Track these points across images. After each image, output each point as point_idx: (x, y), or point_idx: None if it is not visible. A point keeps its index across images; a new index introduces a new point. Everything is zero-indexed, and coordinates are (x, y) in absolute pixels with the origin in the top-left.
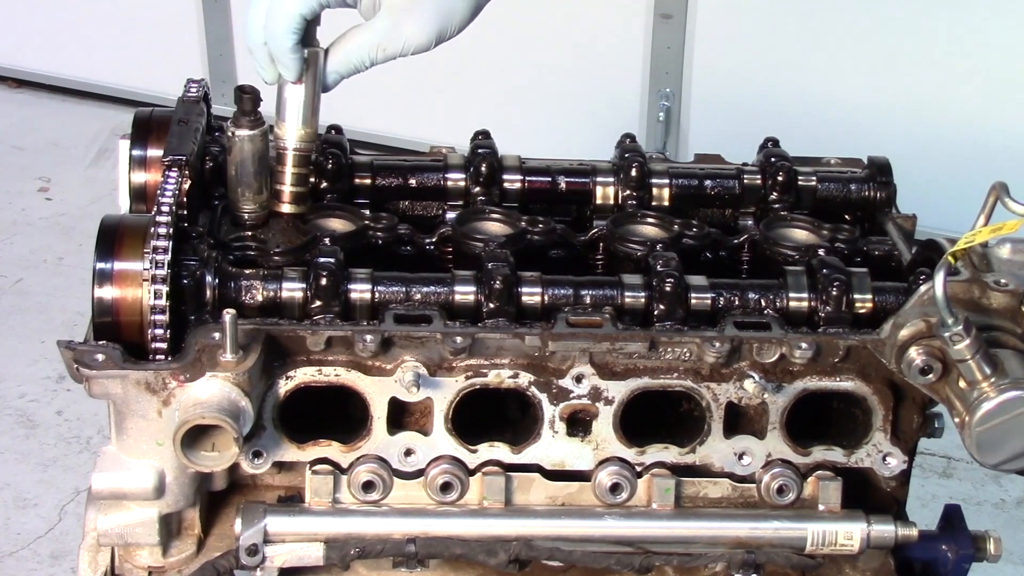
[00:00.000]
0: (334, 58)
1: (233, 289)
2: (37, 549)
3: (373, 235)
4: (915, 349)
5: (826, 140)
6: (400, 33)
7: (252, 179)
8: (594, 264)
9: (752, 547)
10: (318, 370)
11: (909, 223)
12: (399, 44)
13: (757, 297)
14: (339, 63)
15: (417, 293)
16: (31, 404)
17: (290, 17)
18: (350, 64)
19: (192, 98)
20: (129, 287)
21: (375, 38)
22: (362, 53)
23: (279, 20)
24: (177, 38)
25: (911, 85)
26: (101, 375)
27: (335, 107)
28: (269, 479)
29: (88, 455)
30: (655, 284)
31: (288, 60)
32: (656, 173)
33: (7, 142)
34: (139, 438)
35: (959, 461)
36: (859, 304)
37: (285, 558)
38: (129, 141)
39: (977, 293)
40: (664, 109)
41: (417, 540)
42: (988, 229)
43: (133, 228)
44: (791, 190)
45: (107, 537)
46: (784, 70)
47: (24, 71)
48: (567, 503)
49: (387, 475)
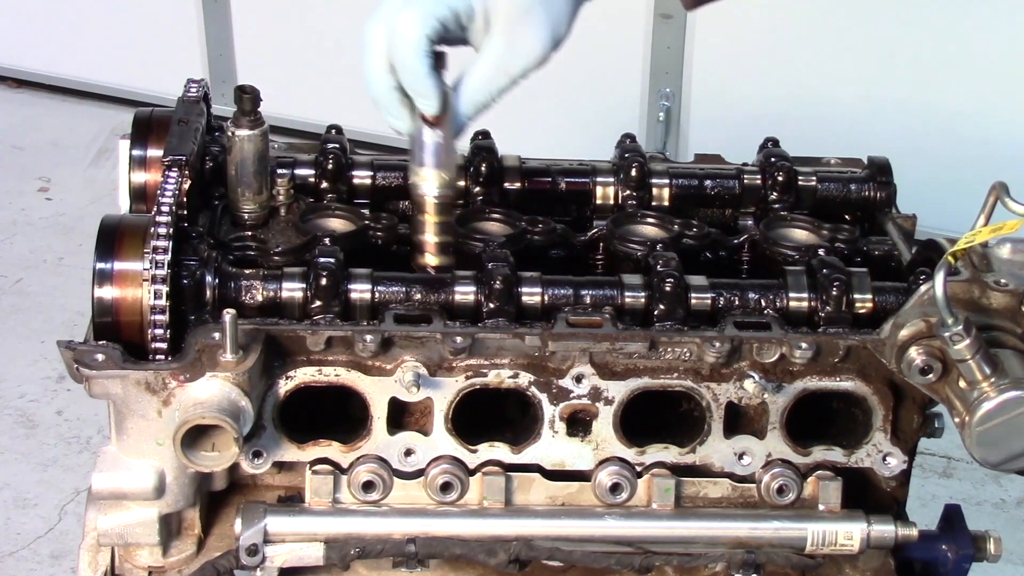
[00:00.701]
0: (462, 98)
1: (233, 289)
2: (37, 549)
3: (373, 235)
4: (915, 349)
5: (826, 140)
6: (517, 49)
7: (252, 179)
8: (594, 264)
9: (752, 547)
10: (318, 370)
11: (909, 223)
12: (519, 61)
13: (757, 297)
14: (467, 101)
15: (417, 293)
16: (31, 404)
17: (416, 41)
18: (478, 100)
19: (192, 98)
20: (129, 287)
21: (494, 61)
22: (487, 84)
23: (407, 49)
24: (177, 38)
25: (911, 85)
26: (101, 375)
27: (335, 107)
28: (269, 479)
29: (88, 455)
30: (655, 284)
31: (427, 88)
32: (656, 173)
33: (7, 142)
34: (139, 438)
35: (959, 461)
36: (859, 304)
37: (285, 558)
38: (129, 141)
39: (977, 293)
40: (664, 109)
41: (417, 540)
42: (988, 229)
43: (133, 228)
44: (791, 190)
45: (107, 537)
46: (784, 70)
47: (24, 71)
48: (567, 503)
49: (387, 475)
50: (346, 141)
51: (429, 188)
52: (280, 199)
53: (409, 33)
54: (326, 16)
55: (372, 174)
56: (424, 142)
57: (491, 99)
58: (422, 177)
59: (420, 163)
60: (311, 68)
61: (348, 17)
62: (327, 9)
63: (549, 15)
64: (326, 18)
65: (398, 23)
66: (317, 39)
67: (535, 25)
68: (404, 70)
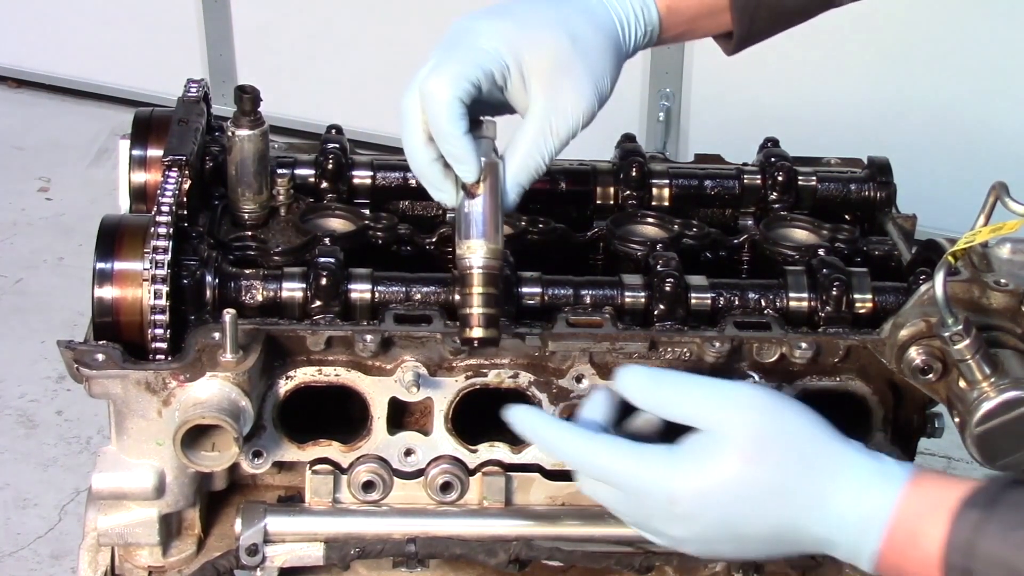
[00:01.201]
0: (511, 167)
1: (233, 289)
2: (37, 549)
3: (373, 235)
4: (915, 349)
5: (826, 140)
6: (560, 107)
7: (252, 179)
8: (594, 264)
9: None
10: (318, 370)
11: (909, 223)
12: (565, 120)
13: (757, 297)
14: (517, 170)
15: (417, 293)
16: (31, 404)
17: (448, 104)
18: (528, 167)
19: (192, 98)
20: (129, 287)
21: (538, 123)
22: (535, 149)
23: (439, 113)
24: (177, 38)
25: (911, 85)
26: (101, 375)
27: (335, 107)
28: (269, 479)
29: (88, 455)
30: (655, 284)
31: (463, 152)
32: (656, 173)
33: (7, 142)
34: (139, 438)
35: (959, 461)
36: (859, 304)
37: (285, 558)
38: (129, 141)
39: (977, 293)
40: (664, 109)
41: (417, 540)
42: (988, 229)
43: (133, 228)
44: (791, 190)
45: (107, 537)
46: (784, 70)
47: (24, 71)
48: (567, 503)
49: (387, 475)
50: (346, 141)
51: (475, 260)
52: (280, 199)
53: (440, 96)
54: (326, 16)
55: (372, 174)
56: (467, 212)
57: (541, 162)
58: (468, 249)
59: (465, 235)
60: (311, 68)
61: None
62: (327, 9)
63: (589, 70)
64: (326, 18)
65: (428, 89)
66: (317, 39)
67: (576, 81)
68: (439, 135)
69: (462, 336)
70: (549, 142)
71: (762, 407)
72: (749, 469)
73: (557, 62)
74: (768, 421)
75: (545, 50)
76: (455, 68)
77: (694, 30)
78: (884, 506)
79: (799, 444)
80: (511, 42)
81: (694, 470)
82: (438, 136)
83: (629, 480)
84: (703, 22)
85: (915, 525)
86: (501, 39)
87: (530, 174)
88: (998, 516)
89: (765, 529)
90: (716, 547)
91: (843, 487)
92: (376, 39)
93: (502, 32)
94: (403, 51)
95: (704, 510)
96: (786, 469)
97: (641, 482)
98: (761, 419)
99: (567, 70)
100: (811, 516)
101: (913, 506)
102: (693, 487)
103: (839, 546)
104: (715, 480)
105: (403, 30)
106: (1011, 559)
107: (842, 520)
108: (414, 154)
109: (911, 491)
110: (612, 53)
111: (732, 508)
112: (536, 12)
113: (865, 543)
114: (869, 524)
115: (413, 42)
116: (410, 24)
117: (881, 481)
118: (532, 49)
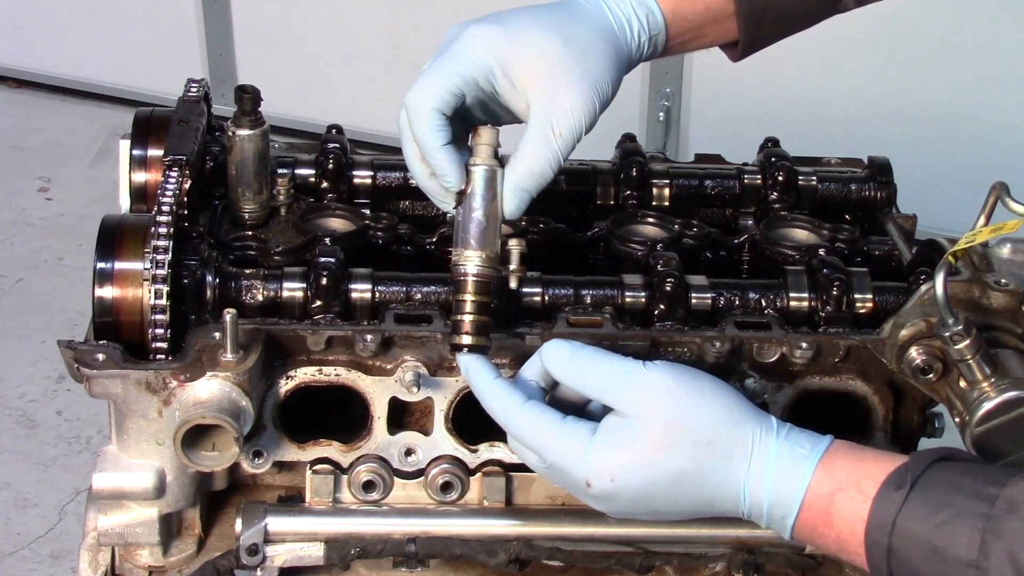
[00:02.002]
0: (513, 173)
1: (233, 289)
2: (37, 549)
3: (373, 235)
4: (915, 349)
5: (826, 140)
6: (560, 108)
7: (252, 179)
8: (594, 264)
9: (752, 547)
10: (318, 370)
11: (909, 223)
12: (567, 120)
13: (757, 297)
14: (520, 176)
15: (417, 293)
16: (31, 404)
17: (425, 115)
18: (532, 172)
19: (192, 98)
20: (129, 287)
21: (540, 127)
22: (537, 154)
23: (418, 125)
24: (177, 38)
25: (911, 85)
26: (101, 375)
27: (335, 107)
28: (269, 479)
29: (88, 455)
30: (655, 284)
31: (441, 163)
32: (656, 173)
33: (7, 142)
34: (139, 438)
35: None
36: (859, 304)
37: (285, 558)
38: (129, 141)
39: (977, 293)
40: (664, 109)
41: (417, 540)
42: (988, 229)
43: (133, 228)
44: (791, 190)
45: (107, 537)
46: (784, 70)
47: (24, 71)
48: (567, 503)
49: (387, 475)
50: (346, 141)
51: (469, 268)
52: (280, 199)
53: (418, 107)
54: (326, 16)
55: (372, 174)
56: (462, 221)
57: (547, 166)
58: (463, 256)
59: (461, 243)
60: (311, 68)
61: (348, 17)
62: (327, 9)
63: (586, 71)
64: (326, 18)
65: (407, 101)
66: (317, 39)
67: (571, 81)
68: (420, 147)
69: (451, 342)
70: (553, 145)
71: (675, 391)
72: (660, 455)
73: (549, 64)
74: (680, 406)
75: (534, 52)
76: (433, 79)
77: (700, 38)
78: (798, 488)
79: (711, 429)
80: (496, 47)
81: (607, 455)
82: (420, 148)
83: (547, 454)
84: (709, 29)
85: (828, 504)
86: (486, 45)
87: (535, 179)
88: (920, 495)
89: (681, 508)
90: (634, 516)
91: (756, 471)
92: (376, 39)
93: (488, 37)
94: (403, 51)
95: (619, 492)
96: (697, 456)
97: (559, 459)
98: (673, 404)
99: (561, 72)
100: (726, 499)
101: (826, 486)
102: (607, 472)
103: (759, 521)
104: (627, 466)
105: (403, 30)
106: (931, 538)
107: (757, 502)
108: (412, 168)
109: (824, 471)
110: (612, 56)
111: (645, 492)
112: (526, 16)
113: (782, 522)
114: (783, 506)
115: (413, 42)
116: (410, 24)
117: (794, 462)
118: (520, 52)
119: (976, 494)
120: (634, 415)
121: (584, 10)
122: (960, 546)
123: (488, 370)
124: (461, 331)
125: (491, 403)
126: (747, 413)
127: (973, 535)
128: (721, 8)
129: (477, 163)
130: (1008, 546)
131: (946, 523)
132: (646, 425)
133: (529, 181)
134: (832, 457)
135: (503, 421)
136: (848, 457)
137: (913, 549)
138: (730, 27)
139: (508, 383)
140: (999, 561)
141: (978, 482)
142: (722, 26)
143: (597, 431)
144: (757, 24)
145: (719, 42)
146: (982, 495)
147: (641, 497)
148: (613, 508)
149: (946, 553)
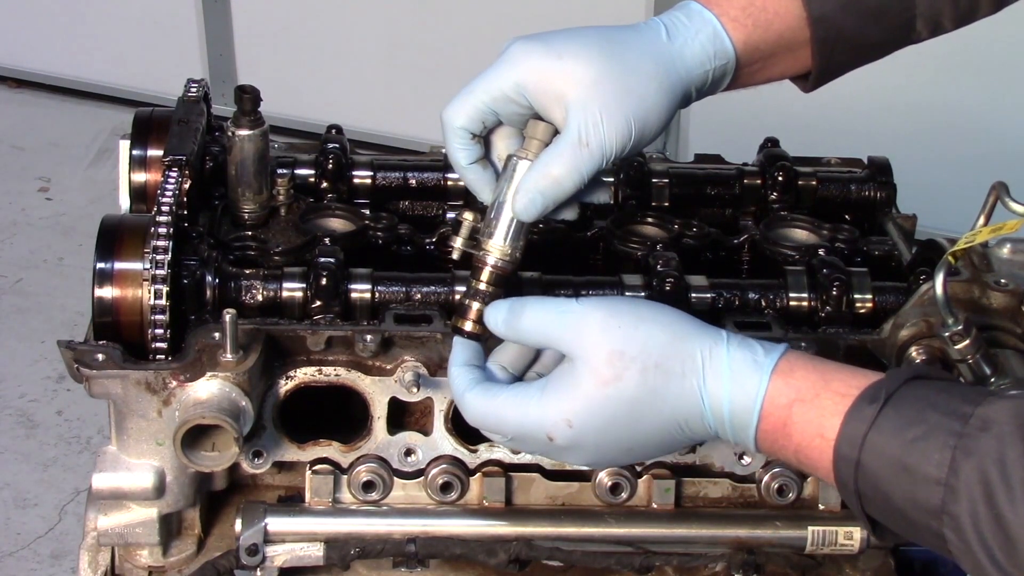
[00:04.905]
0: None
1: (233, 289)
2: (37, 549)
3: (373, 235)
4: (915, 349)
5: (826, 140)
6: (593, 119)
7: (252, 179)
8: (594, 264)
9: (752, 547)
10: (318, 370)
11: (909, 223)
12: (596, 133)
13: (757, 297)
14: (538, 176)
15: (417, 293)
16: (31, 404)
17: (450, 135)
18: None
19: (192, 98)
20: (129, 287)
21: (570, 136)
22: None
23: (447, 145)
24: (177, 38)
25: (911, 85)
26: (101, 375)
27: (335, 107)
28: (269, 479)
29: (88, 455)
30: (655, 284)
31: (468, 180)
32: (656, 173)
33: (7, 142)
34: (139, 438)
35: None
36: (859, 304)
37: (285, 558)
38: (129, 141)
39: (977, 293)
40: None
41: (417, 540)
42: (988, 229)
43: (133, 228)
44: (791, 190)
45: (107, 537)
46: None
47: (24, 71)
48: (567, 503)
49: (387, 475)
50: (346, 141)
51: (491, 258)
52: (280, 199)
53: (447, 126)
54: (326, 16)
55: (372, 174)
56: (494, 216)
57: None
58: (488, 247)
59: (489, 235)
60: (311, 68)
61: (348, 17)
62: (327, 9)
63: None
64: (326, 18)
65: (441, 119)
66: (317, 39)
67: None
68: (451, 164)
69: (453, 324)
70: (578, 154)
71: (611, 321)
72: (611, 390)
73: (587, 82)
74: (619, 336)
75: (573, 69)
76: (464, 99)
77: (771, 67)
78: (755, 397)
79: (657, 351)
80: (535, 64)
81: (558, 404)
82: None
83: (505, 426)
84: (781, 58)
85: (787, 415)
86: (525, 62)
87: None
88: (893, 410)
89: (648, 438)
90: (613, 462)
91: (712, 384)
92: (376, 39)
93: (527, 54)
94: (403, 51)
95: (581, 437)
96: (647, 381)
97: (517, 425)
98: (611, 335)
99: (597, 89)
100: (689, 418)
101: (785, 396)
102: (562, 420)
103: (724, 436)
104: (579, 408)
105: (404, 30)
106: (901, 455)
107: (718, 416)
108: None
109: (782, 380)
110: (660, 80)
111: (608, 430)
112: (574, 35)
113: (744, 433)
114: (742, 416)
115: (413, 42)
116: (410, 24)
117: (748, 370)
118: (558, 67)
119: (951, 412)
120: (577, 355)
121: (639, 34)
122: (930, 463)
123: (458, 357)
124: (467, 316)
125: (452, 390)
126: (692, 328)
127: (944, 452)
128: (794, 37)
129: (521, 156)
130: (979, 464)
131: (918, 439)
132: (589, 362)
133: (544, 182)
134: (790, 365)
135: (460, 408)
136: (807, 368)
137: (882, 465)
138: (802, 56)
139: (467, 369)
140: (968, 479)
141: (954, 400)
142: (795, 55)
143: (545, 384)
144: (831, 52)
145: (789, 74)
146: (956, 413)
147: (606, 436)
148: (585, 456)
149: (915, 470)
